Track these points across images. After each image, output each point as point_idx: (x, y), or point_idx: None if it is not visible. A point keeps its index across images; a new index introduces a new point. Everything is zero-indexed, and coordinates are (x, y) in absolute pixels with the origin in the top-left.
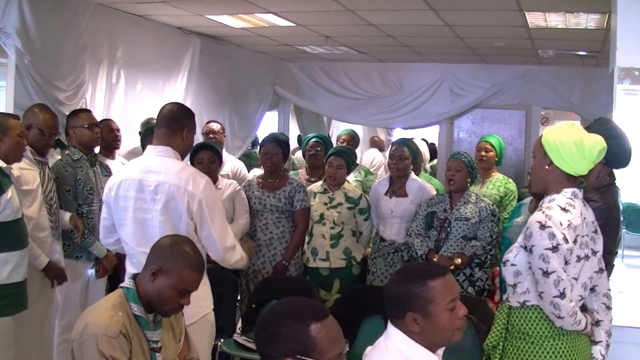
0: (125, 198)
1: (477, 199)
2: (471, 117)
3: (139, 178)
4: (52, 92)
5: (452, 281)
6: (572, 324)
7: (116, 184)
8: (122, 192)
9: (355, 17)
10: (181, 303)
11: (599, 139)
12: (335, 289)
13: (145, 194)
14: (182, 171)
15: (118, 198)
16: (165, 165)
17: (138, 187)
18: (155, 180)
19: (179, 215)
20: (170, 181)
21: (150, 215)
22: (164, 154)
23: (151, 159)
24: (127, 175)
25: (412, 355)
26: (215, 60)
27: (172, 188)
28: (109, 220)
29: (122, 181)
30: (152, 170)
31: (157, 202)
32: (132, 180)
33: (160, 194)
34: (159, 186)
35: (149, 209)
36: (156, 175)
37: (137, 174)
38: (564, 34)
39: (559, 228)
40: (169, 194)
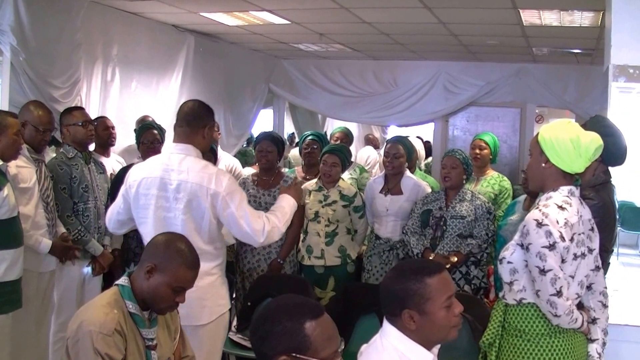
0: (146, 196)
1: (472, 196)
2: (466, 115)
3: (161, 176)
4: (47, 90)
5: (448, 278)
6: (569, 322)
7: (137, 182)
8: (143, 190)
9: (350, 14)
10: (176, 301)
11: (596, 137)
12: (330, 286)
13: (167, 193)
14: (205, 170)
15: (139, 196)
16: (187, 164)
17: (160, 185)
18: (177, 179)
19: (201, 214)
20: (192, 180)
21: (172, 214)
22: (185, 152)
23: (172, 157)
24: (148, 173)
25: (408, 353)
26: (210, 58)
27: (194, 187)
28: (124, 215)
29: (143, 179)
30: (173, 169)
31: (179, 201)
32: (154, 179)
33: (182, 192)
34: (181, 185)
35: (170, 207)
36: (178, 174)
37: (158, 172)
38: (558, 32)
39: (556, 226)
40: (192, 193)
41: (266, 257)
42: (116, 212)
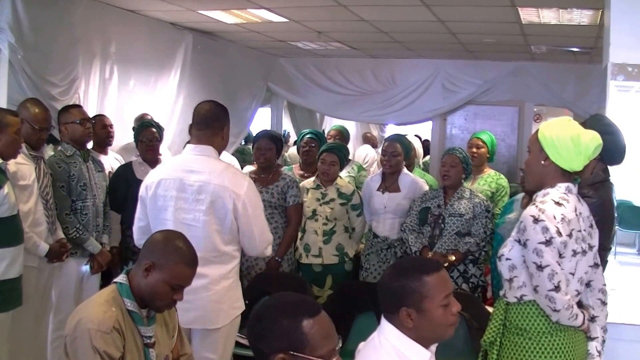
0: (165, 197)
1: (471, 194)
2: (464, 114)
3: (180, 177)
4: (45, 88)
5: (446, 277)
6: (569, 317)
7: (154, 183)
8: (162, 191)
9: (348, 12)
10: (174, 298)
11: (596, 135)
12: (327, 285)
13: (186, 194)
14: (226, 171)
15: (156, 197)
16: (208, 165)
17: (179, 186)
18: (199, 180)
19: (224, 215)
20: (214, 181)
21: (192, 216)
22: (205, 154)
23: (192, 159)
24: (166, 175)
25: (405, 351)
26: (208, 56)
27: (217, 188)
28: (144, 220)
29: (161, 180)
30: (194, 170)
31: (200, 202)
32: (173, 180)
33: (204, 193)
34: (203, 186)
35: (190, 209)
36: (199, 175)
37: (177, 174)
38: (557, 30)
39: (552, 222)
40: (215, 194)
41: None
42: (137, 218)
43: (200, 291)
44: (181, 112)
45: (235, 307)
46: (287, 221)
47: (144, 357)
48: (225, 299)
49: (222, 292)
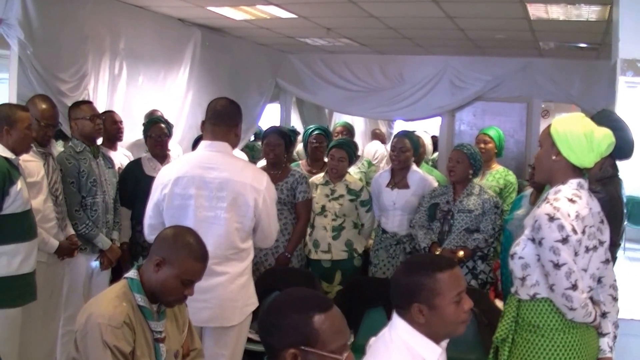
0: (183, 196)
1: (480, 191)
2: (472, 110)
3: (199, 174)
4: (55, 84)
5: (459, 274)
6: (584, 315)
7: (171, 181)
8: (179, 190)
9: (357, 8)
10: (185, 294)
11: (609, 133)
12: (337, 280)
13: (206, 191)
14: (246, 168)
15: (174, 196)
16: (227, 162)
17: (199, 184)
18: (219, 177)
19: (245, 212)
20: (236, 178)
21: (213, 213)
22: (222, 150)
23: (209, 155)
24: (183, 172)
25: (416, 346)
26: (217, 53)
27: (238, 185)
28: (155, 219)
29: (178, 178)
30: (212, 167)
31: (221, 199)
32: (191, 177)
33: (226, 191)
34: (224, 183)
35: (211, 206)
36: (219, 172)
37: (195, 171)
38: (565, 26)
39: (568, 219)
40: (236, 191)
41: (273, 251)
42: (148, 216)
43: (217, 289)
44: (190, 108)
45: (249, 303)
46: (297, 217)
47: (154, 352)
48: (240, 296)
49: (238, 290)
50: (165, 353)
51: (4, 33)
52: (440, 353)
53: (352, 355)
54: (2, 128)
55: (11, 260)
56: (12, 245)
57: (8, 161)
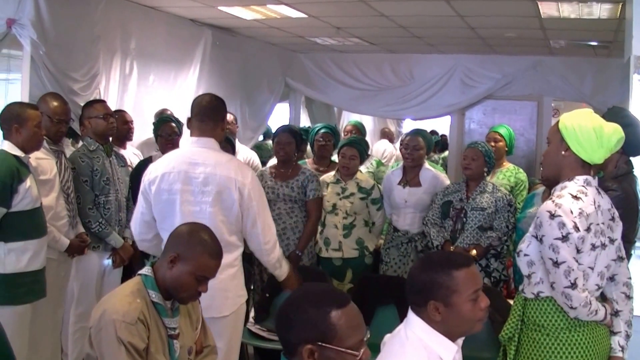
0: (170, 191)
1: (493, 188)
2: (482, 108)
3: (185, 170)
4: (67, 83)
5: (476, 272)
6: (587, 314)
7: (158, 177)
8: (166, 185)
9: (367, 7)
10: (199, 290)
11: (618, 128)
12: (347, 278)
13: (192, 186)
14: (231, 162)
15: (160, 191)
16: (212, 157)
17: (184, 179)
18: (204, 172)
19: (230, 206)
20: (220, 172)
21: (199, 208)
22: (208, 146)
23: (195, 151)
24: (170, 168)
25: (431, 344)
26: (227, 52)
27: (223, 179)
28: (148, 215)
29: (165, 174)
30: (198, 162)
31: (206, 194)
32: (177, 173)
33: (210, 185)
34: (209, 177)
35: (197, 201)
36: (204, 167)
37: (181, 166)
38: (576, 24)
39: (569, 216)
40: (221, 185)
41: (284, 249)
42: (140, 212)
43: None
44: None
45: (241, 294)
46: (307, 215)
47: (167, 348)
48: (231, 286)
49: (228, 280)
50: (179, 349)
51: (17, 33)
52: (457, 350)
53: (368, 351)
54: (11, 126)
55: (20, 257)
56: (21, 243)
57: (17, 159)
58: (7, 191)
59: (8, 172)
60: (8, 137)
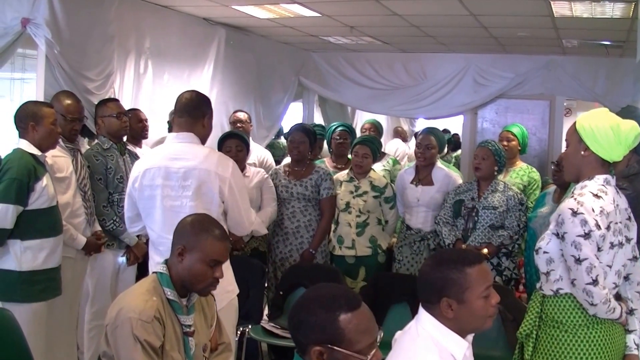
0: (151, 187)
1: (505, 187)
2: (495, 107)
3: (165, 165)
4: (82, 82)
5: (487, 269)
6: (606, 311)
7: (140, 174)
8: (147, 181)
9: (380, 6)
10: (215, 277)
11: (635, 125)
12: (361, 276)
13: (172, 181)
14: (210, 155)
15: (143, 188)
16: (191, 151)
17: (165, 174)
18: (184, 167)
19: (210, 199)
20: (200, 166)
21: (179, 202)
22: (188, 140)
23: (175, 146)
24: (150, 164)
25: (443, 340)
26: (241, 51)
27: (202, 172)
28: (132, 211)
29: (146, 170)
30: (178, 157)
31: (186, 188)
32: (157, 168)
33: (190, 179)
34: (188, 172)
35: (177, 195)
36: (184, 162)
37: (161, 162)
38: (589, 23)
39: (591, 214)
40: (200, 179)
41: (298, 247)
42: (125, 209)
43: None
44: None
45: (229, 290)
46: (321, 213)
47: (183, 345)
48: None
49: None
50: (194, 347)
51: (32, 33)
52: (467, 347)
53: (379, 353)
54: (27, 125)
55: (36, 255)
56: (37, 241)
57: (34, 157)
58: (24, 189)
59: (25, 171)
60: (24, 135)
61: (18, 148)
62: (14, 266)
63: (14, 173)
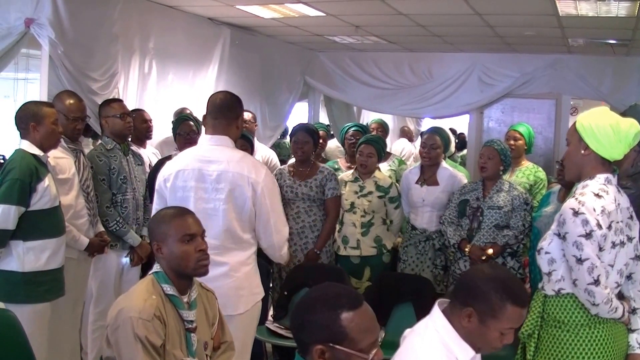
0: (184, 188)
1: (510, 187)
2: (501, 107)
3: (199, 168)
4: (86, 82)
5: (523, 314)
6: (608, 311)
7: (172, 175)
8: (180, 182)
9: (386, 6)
10: (199, 250)
11: (634, 122)
12: (366, 276)
13: (206, 184)
14: (244, 159)
15: (175, 189)
16: (225, 155)
17: (198, 176)
18: (217, 170)
19: (243, 202)
20: (233, 169)
21: (212, 205)
22: (222, 144)
23: (209, 149)
24: (184, 166)
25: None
26: (246, 51)
27: (235, 176)
28: (161, 206)
29: (179, 171)
30: (212, 160)
31: (219, 191)
32: (191, 170)
33: (223, 182)
34: (222, 175)
35: (210, 198)
36: (217, 165)
37: (195, 164)
38: (594, 22)
39: (593, 214)
40: (233, 182)
41: (303, 247)
42: (154, 209)
43: (220, 279)
44: None
45: (255, 292)
46: (326, 214)
47: (185, 341)
48: (245, 284)
49: (243, 278)
50: (196, 343)
51: (35, 33)
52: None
53: (381, 352)
54: (28, 125)
55: (39, 255)
56: (40, 241)
57: (36, 158)
58: (26, 190)
59: (27, 171)
60: (25, 136)
61: (20, 149)
62: (17, 267)
63: (16, 174)
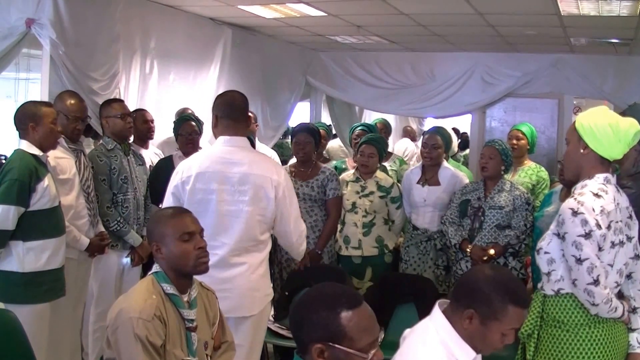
0: (206, 191)
1: (511, 187)
2: (503, 106)
3: (220, 170)
4: (87, 82)
5: (525, 314)
6: (608, 311)
7: (192, 177)
8: (201, 185)
9: (387, 6)
10: (200, 247)
11: (634, 122)
12: (367, 277)
13: (228, 185)
14: (265, 161)
15: (195, 191)
16: (247, 156)
17: (220, 179)
18: (240, 171)
19: (266, 204)
20: (256, 171)
21: (235, 207)
22: (240, 145)
23: (230, 150)
24: (205, 168)
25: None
26: (247, 51)
27: (259, 178)
28: None
29: (199, 174)
30: (234, 162)
31: (243, 193)
32: (212, 173)
33: (247, 184)
34: (245, 177)
35: (233, 200)
36: (240, 167)
37: (216, 166)
38: (596, 21)
39: (592, 214)
40: (257, 184)
41: None
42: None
43: (237, 279)
44: None
45: (268, 293)
46: (327, 214)
47: (185, 340)
48: (260, 285)
49: (258, 279)
50: (196, 342)
51: (36, 33)
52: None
53: (380, 353)
54: (27, 125)
55: (39, 255)
56: (40, 241)
57: (35, 158)
58: (25, 190)
59: (26, 171)
60: (24, 136)
61: (19, 149)
62: (17, 267)
63: (15, 174)
